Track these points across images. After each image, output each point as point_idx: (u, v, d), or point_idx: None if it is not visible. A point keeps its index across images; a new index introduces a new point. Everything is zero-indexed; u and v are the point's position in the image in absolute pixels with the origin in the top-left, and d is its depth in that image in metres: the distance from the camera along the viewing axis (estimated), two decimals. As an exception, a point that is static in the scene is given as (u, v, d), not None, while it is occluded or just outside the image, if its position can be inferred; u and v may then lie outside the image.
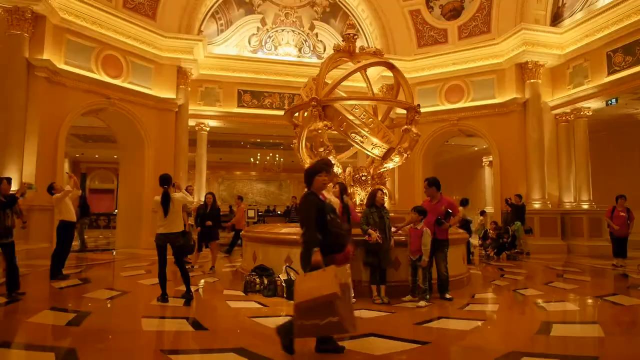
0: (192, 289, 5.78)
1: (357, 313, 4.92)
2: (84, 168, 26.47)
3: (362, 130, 7.00)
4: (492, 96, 14.01)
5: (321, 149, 6.89)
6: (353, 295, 5.44)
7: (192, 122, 14.51)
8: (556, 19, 13.57)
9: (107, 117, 12.72)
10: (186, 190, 11.04)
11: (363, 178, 7.14)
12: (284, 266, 6.00)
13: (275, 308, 5.22)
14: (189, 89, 13.93)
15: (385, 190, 6.59)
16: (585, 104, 12.64)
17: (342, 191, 5.81)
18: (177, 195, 5.61)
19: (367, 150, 7.20)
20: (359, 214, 6.03)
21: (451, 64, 14.55)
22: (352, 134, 7.03)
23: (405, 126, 7.20)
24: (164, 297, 5.38)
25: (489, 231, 11.40)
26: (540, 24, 13.23)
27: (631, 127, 14.96)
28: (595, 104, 12.60)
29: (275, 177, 26.74)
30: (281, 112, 15.54)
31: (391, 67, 7.63)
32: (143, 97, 12.70)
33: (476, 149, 21.40)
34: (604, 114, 13.46)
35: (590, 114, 12.84)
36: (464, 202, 10.31)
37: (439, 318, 4.62)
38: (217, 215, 8.55)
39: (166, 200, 5.41)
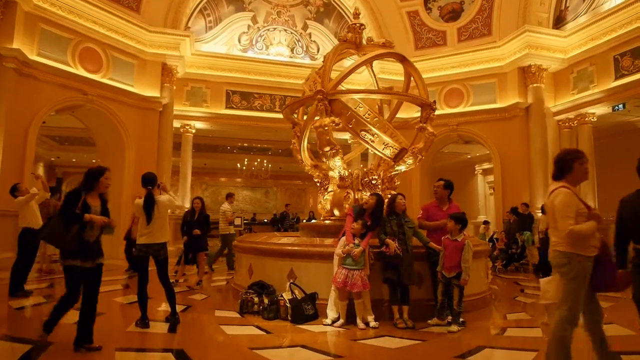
0: (178, 308, 4.89)
1: (380, 341, 4.14)
2: (60, 173, 25.09)
3: (373, 128, 6.23)
4: (493, 101, 13.47)
5: (327, 149, 6.11)
6: (374, 317, 4.70)
7: (177, 124, 13.58)
8: (558, 22, 13.13)
9: (84, 115, 11.68)
10: (227, 198, 9.97)
11: (373, 181, 6.36)
12: (288, 283, 5.15)
13: (280, 335, 4.35)
14: (174, 87, 13.01)
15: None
16: (590, 110, 12.18)
17: (379, 204, 5.04)
18: (163, 198, 4.71)
19: (378, 151, 6.44)
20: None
21: (450, 67, 13.99)
22: (362, 132, 6.26)
23: (420, 124, 6.48)
24: (144, 322, 4.47)
25: (497, 242, 10.71)
26: (542, 27, 12.79)
27: (632, 134, 14.62)
28: (600, 110, 12.15)
29: (261, 184, 25.83)
30: (272, 115, 14.77)
31: (402, 59, 6.94)
32: (124, 95, 11.72)
33: (469, 156, 20.93)
34: (605, 121, 13.04)
35: (595, 119, 12.38)
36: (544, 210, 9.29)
37: (481, 348, 3.83)
38: (206, 223, 7.64)
39: (150, 204, 4.51)
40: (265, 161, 21.65)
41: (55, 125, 15.11)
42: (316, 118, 6.29)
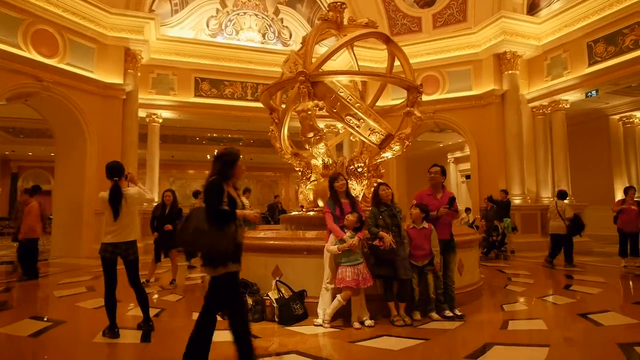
0: (151, 312, 4.39)
1: (379, 342, 3.80)
2: (15, 167, 23.59)
3: (358, 112, 5.85)
4: (469, 88, 13.37)
5: (310, 134, 5.69)
6: (369, 316, 4.35)
7: (142, 113, 12.81)
8: (532, 8, 13.11)
9: (39, 104, 10.78)
10: (244, 193, 9.45)
11: (359, 170, 6.00)
12: (273, 281, 4.73)
13: (269, 338, 3.93)
14: (139, 74, 12.22)
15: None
16: (564, 96, 12.26)
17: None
18: (131, 190, 4.18)
19: (364, 137, 6.07)
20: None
21: (426, 54, 13.75)
22: (347, 117, 5.88)
23: (407, 109, 6.16)
24: (113, 330, 3.96)
25: (477, 229, 10.62)
26: (517, 13, 12.72)
27: (603, 120, 14.93)
28: (574, 96, 12.24)
29: (232, 176, 25.11)
30: (243, 103, 14.17)
31: (387, 40, 6.57)
32: (84, 81, 10.86)
33: (441, 145, 21.01)
34: (578, 107, 13.18)
35: (568, 106, 12.48)
36: (563, 195, 8.98)
37: (489, 346, 3.54)
38: (178, 218, 7.09)
39: (116, 197, 3.97)
40: (236, 152, 20.98)
41: (7, 116, 14.04)
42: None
